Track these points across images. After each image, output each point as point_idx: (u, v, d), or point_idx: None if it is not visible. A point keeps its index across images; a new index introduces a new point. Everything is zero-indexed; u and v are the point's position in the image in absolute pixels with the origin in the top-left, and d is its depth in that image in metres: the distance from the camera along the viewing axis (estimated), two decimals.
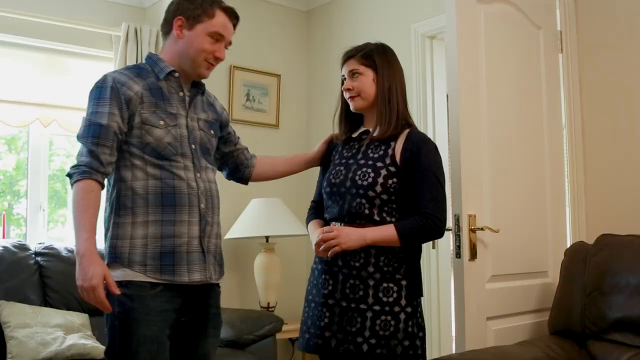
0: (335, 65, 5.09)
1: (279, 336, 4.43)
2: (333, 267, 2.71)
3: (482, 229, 3.20)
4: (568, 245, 3.55)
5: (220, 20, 2.59)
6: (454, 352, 3.81)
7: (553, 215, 3.67)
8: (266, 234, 4.70)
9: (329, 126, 5.25)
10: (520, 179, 3.51)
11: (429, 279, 4.48)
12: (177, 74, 2.59)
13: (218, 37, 2.58)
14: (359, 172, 2.72)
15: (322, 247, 2.64)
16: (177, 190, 2.47)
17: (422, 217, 2.65)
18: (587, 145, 3.72)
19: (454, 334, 3.59)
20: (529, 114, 3.62)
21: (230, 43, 2.67)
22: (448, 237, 4.37)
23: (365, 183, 2.69)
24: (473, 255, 3.16)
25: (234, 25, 2.68)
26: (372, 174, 2.70)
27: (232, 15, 2.65)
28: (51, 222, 4.93)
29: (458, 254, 3.16)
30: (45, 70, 4.77)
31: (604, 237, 3.24)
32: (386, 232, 2.64)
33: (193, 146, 2.55)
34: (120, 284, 2.38)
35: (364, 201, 2.68)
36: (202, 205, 2.52)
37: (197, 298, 2.54)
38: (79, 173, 2.41)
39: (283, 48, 5.47)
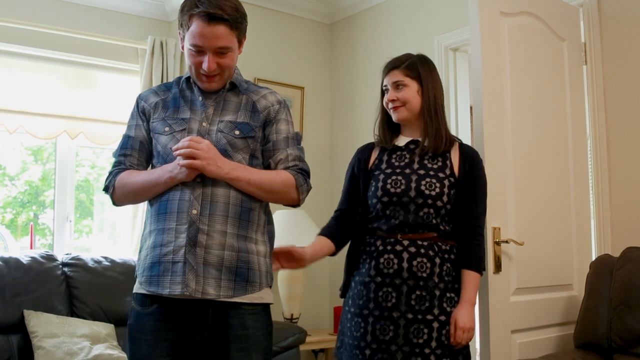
0: (359, 78, 5.12)
1: (302, 347, 4.44)
2: (395, 279, 2.70)
3: (506, 241, 3.20)
4: (593, 258, 3.54)
5: (195, 29, 2.34)
6: None
7: (578, 227, 3.66)
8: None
9: (352, 138, 5.30)
10: (544, 191, 3.51)
11: None
12: (192, 80, 2.51)
13: (198, 49, 2.37)
14: (423, 182, 2.74)
15: None
16: (170, 197, 2.38)
17: (478, 236, 2.76)
18: (612, 157, 3.70)
19: (478, 347, 3.58)
20: (553, 126, 3.62)
21: (221, 48, 2.37)
22: None
23: (433, 193, 2.72)
24: (497, 267, 3.17)
25: (218, 26, 2.33)
26: (437, 184, 2.73)
27: (209, 18, 2.32)
28: (76, 232, 4.98)
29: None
30: (73, 83, 4.83)
31: (629, 250, 3.22)
32: (476, 283, 2.74)
33: None
34: (132, 296, 2.47)
35: (432, 211, 2.72)
36: (194, 211, 2.33)
37: (206, 316, 2.36)
38: (113, 176, 2.50)
39: (306, 61, 5.50)
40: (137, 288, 2.44)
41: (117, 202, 2.55)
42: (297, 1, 5.38)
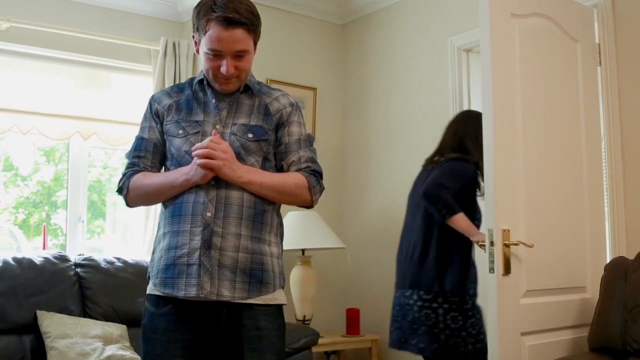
0: (371, 79, 5.11)
1: (315, 349, 4.43)
2: None
3: (515, 243, 3.19)
4: (608, 261, 3.52)
5: (213, 33, 2.34)
6: None
7: (592, 229, 3.63)
8: (302, 247, 4.71)
9: (364, 139, 5.29)
10: (556, 193, 3.49)
11: None
12: (205, 82, 2.50)
13: (215, 53, 2.37)
14: None
15: None
16: (184, 199, 2.38)
17: None
18: (626, 158, 3.68)
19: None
20: (566, 127, 3.59)
21: (239, 52, 2.38)
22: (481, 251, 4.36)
23: None
24: (507, 270, 3.16)
25: (236, 29, 2.34)
26: None
27: (226, 22, 2.32)
28: (88, 232, 4.98)
29: (491, 268, 3.15)
30: (86, 84, 4.84)
31: None
32: None
33: None
34: (146, 297, 2.47)
35: None
36: (209, 214, 2.34)
37: (220, 317, 2.36)
38: (127, 178, 2.50)
39: (319, 61, 5.49)
40: (151, 289, 2.44)
41: (130, 203, 2.56)
42: (309, 2, 5.38)
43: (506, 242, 3.16)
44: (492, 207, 3.17)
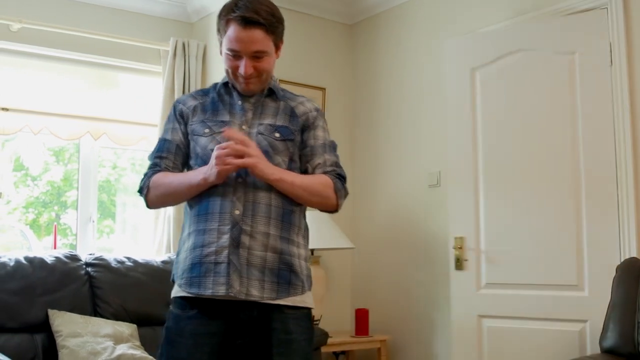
0: (381, 79, 5.10)
1: (323, 349, 4.42)
2: None
3: (460, 247, 4.21)
4: (620, 262, 3.51)
5: (231, 33, 2.36)
6: None
7: (593, 231, 3.73)
8: (311, 246, 4.66)
9: (374, 140, 5.28)
10: (534, 203, 3.98)
11: None
12: (230, 85, 2.50)
13: (234, 53, 2.38)
14: None
15: None
16: (211, 198, 2.36)
17: None
18: (637, 158, 3.67)
19: None
20: (552, 136, 3.95)
21: (257, 52, 2.38)
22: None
23: None
24: (459, 266, 4.22)
25: (254, 30, 2.35)
26: None
27: (245, 22, 2.33)
28: (97, 232, 4.99)
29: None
30: (96, 84, 4.87)
31: None
32: None
33: None
34: (171, 300, 2.44)
35: None
36: (237, 212, 2.32)
37: (250, 318, 2.33)
38: (147, 177, 2.49)
39: (328, 61, 5.49)
40: (177, 292, 2.41)
41: (150, 204, 2.54)
42: (318, 2, 5.37)
43: (459, 246, 4.21)
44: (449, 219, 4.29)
